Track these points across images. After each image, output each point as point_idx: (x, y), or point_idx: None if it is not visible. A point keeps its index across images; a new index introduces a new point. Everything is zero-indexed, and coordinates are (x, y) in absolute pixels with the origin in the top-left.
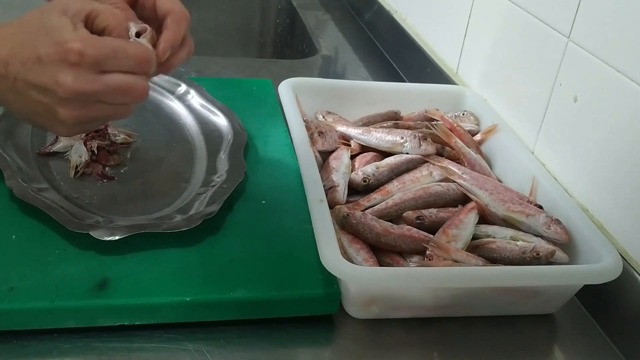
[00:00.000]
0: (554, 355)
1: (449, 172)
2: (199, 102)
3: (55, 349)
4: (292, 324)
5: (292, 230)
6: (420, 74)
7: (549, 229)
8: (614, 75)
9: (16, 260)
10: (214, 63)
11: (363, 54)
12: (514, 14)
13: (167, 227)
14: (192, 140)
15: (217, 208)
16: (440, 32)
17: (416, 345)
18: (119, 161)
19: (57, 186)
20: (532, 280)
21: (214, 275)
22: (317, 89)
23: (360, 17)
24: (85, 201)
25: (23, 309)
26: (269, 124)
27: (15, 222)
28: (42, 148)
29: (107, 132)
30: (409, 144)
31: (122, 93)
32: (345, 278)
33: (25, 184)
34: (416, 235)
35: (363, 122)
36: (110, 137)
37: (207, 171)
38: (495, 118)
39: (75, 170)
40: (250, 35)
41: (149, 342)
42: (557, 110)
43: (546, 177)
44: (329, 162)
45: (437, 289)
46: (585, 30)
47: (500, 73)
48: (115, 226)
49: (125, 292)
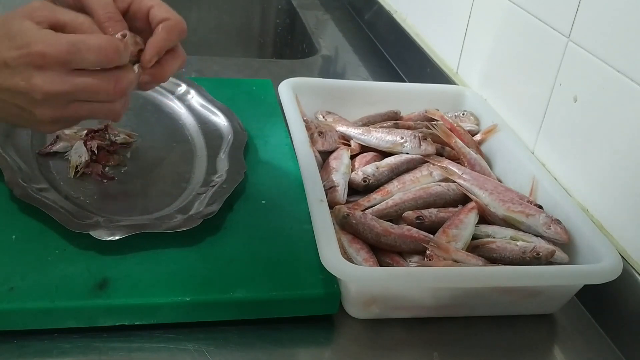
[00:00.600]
0: (554, 355)
1: (449, 172)
2: (199, 102)
3: (55, 349)
4: (292, 324)
5: (292, 230)
6: (420, 74)
7: (549, 229)
8: (614, 75)
9: (16, 260)
10: (214, 63)
11: (363, 54)
12: (514, 14)
13: (167, 227)
14: (192, 140)
15: (217, 208)
16: (440, 32)
17: (416, 345)
18: (119, 161)
19: (57, 186)
20: (532, 280)
21: (214, 275)
22: (317, 89)
23: (360, 17)
24: (86, 201)
25: (23, 309)
26: (269, 124)
27: (15, 222)
28: (42, 148)
29: (107, 132)
30: (409, 144)
31: (93, 92)
32: (345, 278)
33: (25, 184)
34: (416, 235)
35: (363, 122)
36: (110, 137)
37: (207, 171)
38: (495, 118)
39: (75, 170)
40: (250, 35)
41: (149, 342)
42: (557, 110)
43: (546, 177)
44: (329, 162)
45: (437, 289)
46: (585, 30)
47: (500, 73)
48: (116, 226)
49: (125, 292)
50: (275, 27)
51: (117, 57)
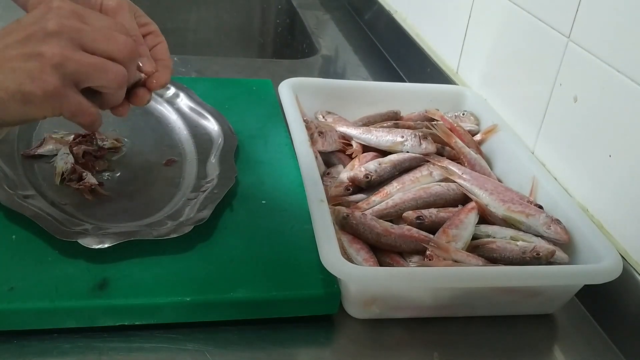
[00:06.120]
0: (554, 355)
1: (449, 172)
2: (189, 105)
3: (55, 349)
4: (292, 324)
5: (292, 230)
6: (420, 74)
7: (549, 229)
8: (614, 75)
9: (16, 260)
10: (214, 63)
11: (363, 54)
12: (514, 14)
13: (158, 234)
14: (181, 144)
15: (208, 214)
16: (440, 32)
17: (416, 345)
18: (104, 167)
19: (43, 192)
20: (532, 280)
21: (214, 275)
22: (317, 89)
23: (360, 17)
24: (73, 208)
25: (23, 309)
26: (269, 124)
27: (15, 222)
28: (27, 150)
29: (95, 137)
30: (410, 143)
31: (105, 37)
32: (345, 278)
33: (11, 191)
34: (416, 235)
35: (363, 122)
36: (97, 143)
37: (197, 176)
38: (495, 118)
39: (62, 177)
40: (250, 35)
41: (149, 342)
42: (557, 110)
43: (546, 177)
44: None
45: (437, 289)
46: (585, 30)
47: (500, 73)
48: (105, 233)
49: (125, 292)
50: (275, 27)
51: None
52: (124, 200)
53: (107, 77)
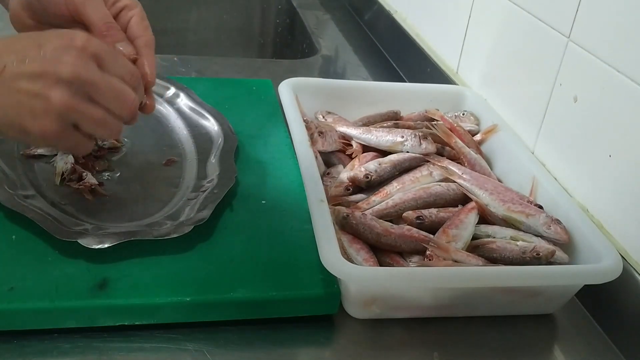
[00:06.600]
0: (554, 355)
1: (449, 172)
2: (189, 105)
3: (55, 349)
4: (292, 324)
5: (292, 230)
6: (420, 74)
7: (549, 229)
8: (614, 75)
9: (16, 260)
10: (214, 63)
11: (363, 54)
12: (514, 14)
13: (157, 234)
14: (181, 144)
15: (208, 214)
16: (440, 32)
17: (416, 346)
18: (104, 167)
19: (43, 193)
20: (532, 280)
21: (214, 275)
22: (317, 89)
23: (360, 17)
24: (73, 208)
25: (23, 309)
26: (269, 124)
27: (15, 222)
28: (27, 150)
29: None
30: (410, 143)
31: (115, 95)
32: (345, 278)
33: (11, 191)
34: (416, 235)
35: (363, 122)
36: (97, 143)
37: (197, 176)
38: (495, 118)
39: (62, 177)
40: (250, 35)
41: (149, 342)
42: (557, 110)
43: (546, 177)
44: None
45: (437, 289)
46: (585, 30)
47: (500, 73)
48: (104, 233)
49: (125, 292)
50: (275, 27)
51: (138, 82)
52: (124, 200)
53: (105, 131)
